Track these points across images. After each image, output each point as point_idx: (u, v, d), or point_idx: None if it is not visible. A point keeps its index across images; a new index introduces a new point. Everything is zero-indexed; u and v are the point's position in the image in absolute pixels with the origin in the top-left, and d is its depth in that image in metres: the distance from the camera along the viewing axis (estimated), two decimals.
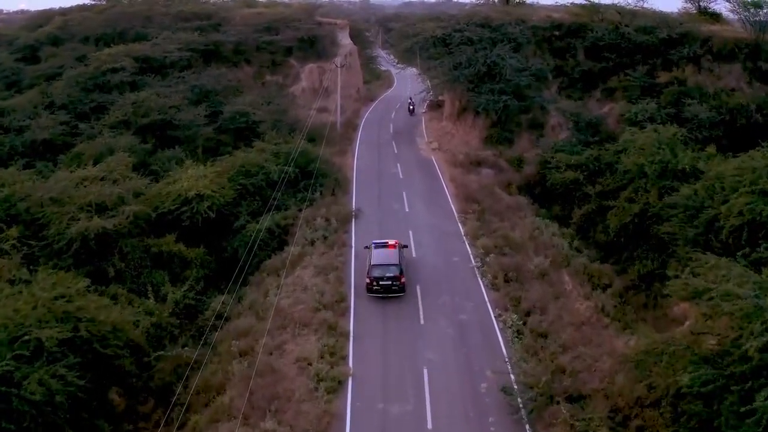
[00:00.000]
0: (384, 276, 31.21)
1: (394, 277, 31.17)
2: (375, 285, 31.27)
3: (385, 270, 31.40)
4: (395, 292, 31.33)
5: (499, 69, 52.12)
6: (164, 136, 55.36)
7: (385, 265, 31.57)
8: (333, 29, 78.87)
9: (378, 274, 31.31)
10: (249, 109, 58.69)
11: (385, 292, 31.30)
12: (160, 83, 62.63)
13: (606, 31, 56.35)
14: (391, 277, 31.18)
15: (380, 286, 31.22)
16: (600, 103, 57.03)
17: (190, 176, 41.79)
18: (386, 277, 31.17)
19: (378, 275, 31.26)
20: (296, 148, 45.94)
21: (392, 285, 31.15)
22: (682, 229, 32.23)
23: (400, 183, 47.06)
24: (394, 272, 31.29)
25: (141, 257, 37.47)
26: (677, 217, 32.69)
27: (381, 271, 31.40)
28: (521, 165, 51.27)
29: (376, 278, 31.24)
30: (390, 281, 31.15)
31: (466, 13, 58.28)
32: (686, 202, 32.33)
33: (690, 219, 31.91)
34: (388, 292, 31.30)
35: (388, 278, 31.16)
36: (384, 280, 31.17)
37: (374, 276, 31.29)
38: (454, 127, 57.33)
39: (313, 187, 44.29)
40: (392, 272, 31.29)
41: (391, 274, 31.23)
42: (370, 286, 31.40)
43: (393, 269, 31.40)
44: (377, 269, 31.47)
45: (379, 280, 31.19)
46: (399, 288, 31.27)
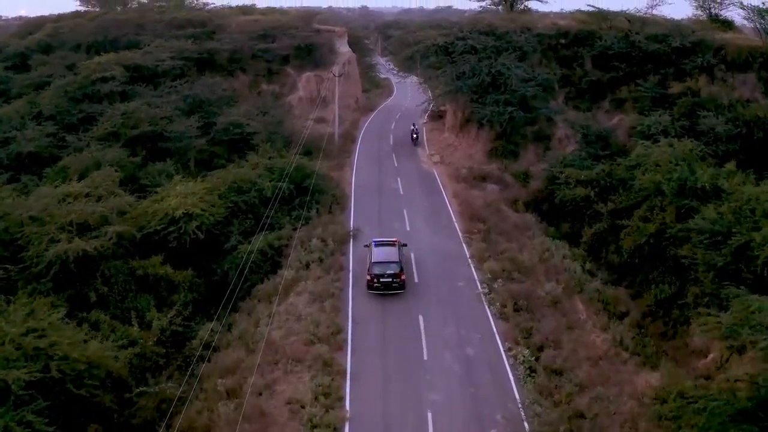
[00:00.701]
0: (384, 273, 31.93)
1: (394, 274, 31.91)
2: (376, 282, 31.94)
3: (386, 267, 32.15)
4: (395, 289, 32.02)
5: (504, 79, 49.84)
6: (155, 149, 53.18)
7: (385, 263, 32.37)
8: (331, 37, 76.66)
9: (378, 271, 32.03)
10: (243, 120, 56.43)
11: (386, 289, 31.99)
12: (152, 93, 60.32)
13: (615, 40, 54.11)
14: (391, 274, 31.92)
15: (381, 283, 31.91)
16: (609, 115, 54.80)
17: (178, 193, 39.51)
18: (387, 274, 31.90)
19: (379, 272, 31.98)
20: (291, 162, 43.58)
21: (392, 282, 31.88)
22: (706, 255, 29.79)
23: (401, 199, 44.73)
24: (395, 269, 32.06)
25: (125, 280, 35.34)
26: (702, 243, 30.21)
27: (381, 268, 32.14)
28: (527, 180, 48.98)
29: (376, 275, 31.94)
30: (390, 278, 31.88)
31: (469, 20, 55.82)
32: (711, 226, 29.90)
33: (716, 245, 29.47)
34: (389, 289, 31.97)
35: (388, 275, 31.89)
36: (384, 277, 31.88)
37: (375, 273, 32.01)
38: (456, 139, 55.04)
39: (309, 205, 41.98)
40: (393, 269, 32.07)
41: (391, 272, 31.98)
42: (371, 283, 32.06)
43: (393, 266, 32.17)
44: (378, 266, 32.24)
45: (379, 277, 31.88)
46: (399, 285, 32.01)
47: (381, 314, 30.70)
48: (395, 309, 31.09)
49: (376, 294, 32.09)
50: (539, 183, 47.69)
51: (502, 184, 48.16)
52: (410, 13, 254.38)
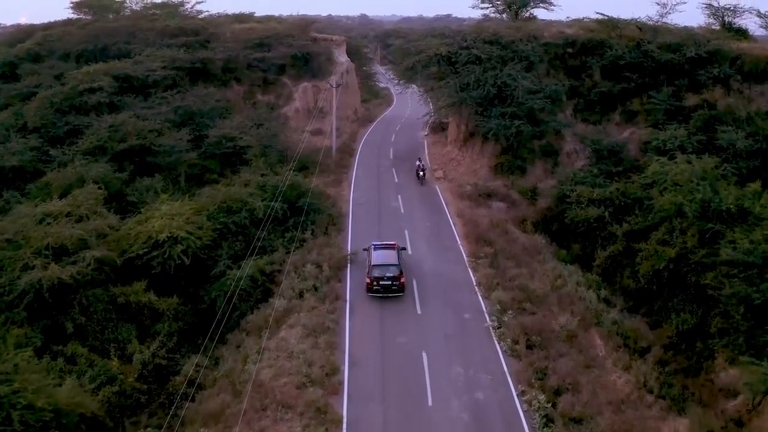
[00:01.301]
0: (384, 276, 31.90)
1: (393, 277, 31.88)
2: (375, 285, 31.92)
3: (385, 270, 32.08)
4: (395, 292, 31.97)
5: (511, 90, 47.27)
6: (143, 163, 50.72)
7: (385, 265, 32.28)
8: (329, 46, 74.22)
9: (378, 274, 31.98)
10: (236, 133, 53.92)
11: (385, 291, 31.94)
12: (142, 104, 57.75)
13: (627, 49, 51.53)
14: (391, 277, 31.88)
15: (380, 286, 31.90)
16: (620, 128, 52.26)
17: (163, 213, 36.92)
18: (386, 277, 31.86)
19: (378, 275, 31.93)
20: (285, 180, 40.96)
21: (392, 285, 31.87)
22: (737, 287, 27.12)
23: (402, 219, 42.10)
24: (394, 272, 32.02)
25: (105, 309, 32.97)
26: (733, 274, 27.58)
27: (381, 271, 32.08)
28: (535, 197, 46.38)
29: (376, 278, 31.90)
30: (390, 281, 31.85)
31: (473, 29, 53.17)
32: (745, 257, 27.26)
33: (749, 279, 26.82)
34: (388, 291, 31.94)
35: (388, 278, 31.86)
36: (384, 280, 31.85)
37: (374, 276, 31.95)
38: (460, 153, 52.47)
39: (304, 225, 39.35)
40: (392, 272, 32.02)
41: (391, 274, 31.93)
42: (370, 285, 32.04)
43: (393, 269, 32.13)
44: (377, 269, 32.16)
45: (379, 280, 31.86)
46: (398, 288, 31.97)
47: (381, 351, 28.04)
48: (397, 345, 28.43)
49: (376, 325, 29.53)
50: (548, 200, 45.11)
51: (509, 201, 45.55)
52: (410, 21, 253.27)
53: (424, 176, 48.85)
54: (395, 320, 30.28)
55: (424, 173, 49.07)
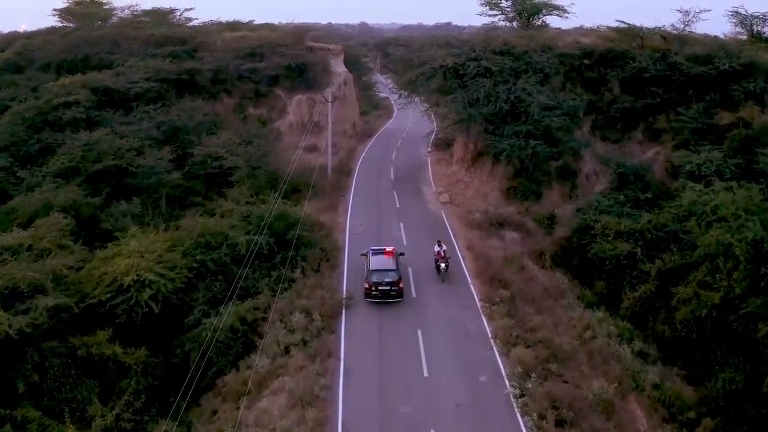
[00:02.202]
0: (382, 281, 31.36)
1: (392, 282, 31.34)
2: (374, 290, 31.32)
3: (384, 275, 31.56)
4: (393, 297, 31.37)
5: (525, 106, 42.59)
6: (120, 186, 46.22)
7: (383, 270, 31.79)
8: (325, 55, 69.68)
9: (377, 279, 31.44)
10: (223, 151, 49.42)
11: (384, 297, 31.35)
12: (122, 119, 53.17)
13: (651, 61, 46.83)
14: (389, 282, 31.32)
15: (379, 291, 31.33)
16: (642, 147, 47.73)
17: (132, 250, 32.33)
18: (385, 282, 31.31)
19: (377, 280, 31.38)
20: (272, 208, 36.22)
21: (390, 290, 31.32)
22: None
23: (405, 251, 37.33)
24: (393, 277, 31.49)
25: (63, 364, 29.13)
26: None
27: (379, 276, 31.56)
28: (553, 225, 41.76)
29: (374, 283, 31.31)
30: (389, 286, 31.30)
31: (482, 38, 48.34)
32: None
33: None
34: (387, 297, 31.35)
35: (386, 283, 31.30)
36: (383, 285, 31.30)
37: (373, 281, 31.37)
38: (467, 175, 47.82)
39: (293, 262, 34.70)
40: (391, 277, 31.48)
41: (389, 279, 31.38)
42: (369, 291, 31.46)
43: (392, 274, 31.63)
44: (375, 274, 31.65)
45: (377, 286, 31.29)
46: (397, 293, 31.43)
47: (380, 424, 23.24)
48: (400, 417, 23.62)
49: (375, 391, 24.83)
50: (567, 230, 40.50)
51: (524, 231, 40.88)
52: (410, 29, 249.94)
53: (447, 268, 33.67)
54: (398, 384, 25.50)
55: (447, 264, 33.69)
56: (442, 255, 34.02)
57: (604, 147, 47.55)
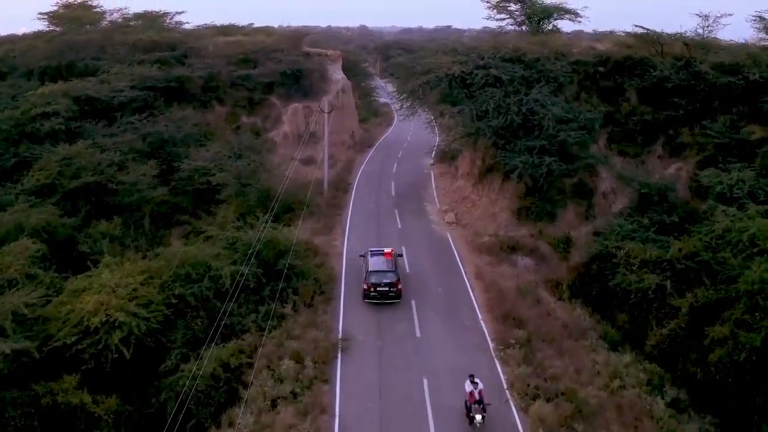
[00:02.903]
0: (381, 282, 31.41)
1: (390, 284, 31.43)
2: (372, 291, 31.41)
3: (382, 276, 31.65)
4: (392, 299, 31.46)
5: (539, 119, 39.07)
6: (101, 204, 42.88)
7: (382, 272, 31.90)
8: (323, 61, 66.23)
9: (375, 280, 31.49)
10: (212, 166, 46.06)
11: (382, 298, 31.41)
12: (105, 131, 49.71)
13: (673, 69, 43.27)
14: (388, 283, 31.40)
15: (377, 293, 31.41)
16: (663, 162, 44.25)
17: (103, 284, 28.92)
18: (383, 284, 31.38)
19: (375, 281, 31.43)
20: (261, 233, 32.73)
21: (389, 291, 31.42)
22: None
23: (408, 283, 33.85)
24: (391, 278, 31.59)
25: (25, 415, 25.38)
26: None
27: (378, 277, 31.61)
28: (569, 249, 38.28)
29: (373, 284, 31.37)
30: (387, 287, 31.37)
31: (490, 44, 44.70)
32: None
33: None
34: (385, 298, 31.42)
35: (385, 284, 31.36)
36: (381, 286, 31.36)
37: (371, 282, 31.43)
38: (474, 191, 44.32)
39: (284, 295, 31.24)
40: (389, 278, 31.57)
41: (388, 281, 31.46)
42: (367, 292, 31.54)
43: (390, 275, 31.73)
44: (374, 276, 31.71)
45: (376, 287, 31.34)
46: (395, 294, 31.50)
47: None
48: None
49: None
50: (584, 254, 37.08)
51: (537, 256, 37.42)
52: (410, 32, 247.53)
53: (483, 420, 22.58)
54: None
55: (484, 415, 22.56)
56: (477, 398, 22.56)
57: (621, 162, 44.11)
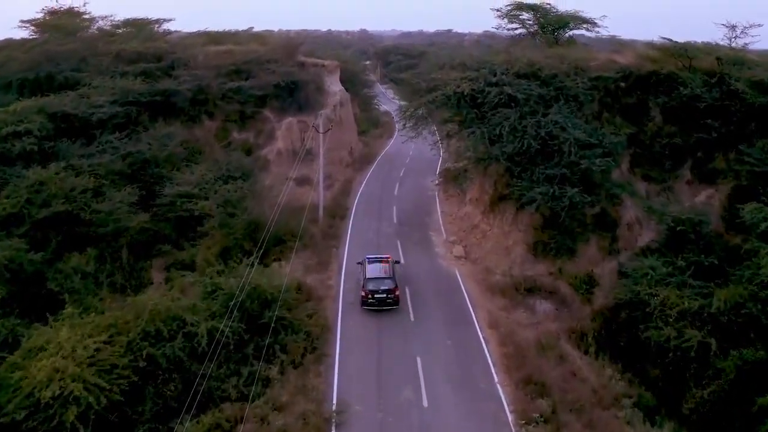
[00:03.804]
0: (379, 289, 31.49)
1: (388, 290, 31.48)
2: (370, 298, 31.47)
3: (380, 283, 31.72)
4: (390, 305, 31.50)
5: (558, 144, 34.94)
6: (74, 234, 38.98)
7: (379, 278, 31.94)
8: (319, 72, 62.09)
9: (373, 287, 31.55)
10: (196, 191, 42.10)
11: (380, 304, 31.44)
12: (82, 151, 45.53)
13: (705, 87, 39.12)
14: (385, 290, 31.47)
15: (375, 299, 31.43)
16: (692, 189, 40.24)
17: (60, 344, 24.91)
18: (381, 290, 31.44)
19: (373, 288, 31.50)
20: (244, 281, 28.54)
21: (387, 298, 31.45)
22: None
23: (412, 334, 29.75)
24: (389, 285, 31.67)
25: None
26: None
27: (376, 284, 31.69)
28: (592, 289, 34.28)
29: (371, 291, 31.45)
30: (385, 294, 31.41)
31: (503, 58, 40.34)
32: None
33: None
34: (383, 304, 31.45)
35: (382, 291, 31.42)
36: (379, 293, 31.42)
37: (369, 289, 31.51)
38: (484, 220, 40.23)
39: (270, 353, 27.15)
40: (387, 285, 31.66)
41: (385, 287, 31.53)
42: (365, 299, 31.58)
43: (388, 282, 31.82)
44: (372, 282, 31.76)
45: (374, 293, 31.41)
46: (393, 301, 31.56)
47: None
48: None
49: None
50: (608, 295, 33.12)
51: (558, 300, 33.37)
52: (410, 36, 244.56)
53: None
54: None
55: None
56: None
57: (646, 188, 40.05)
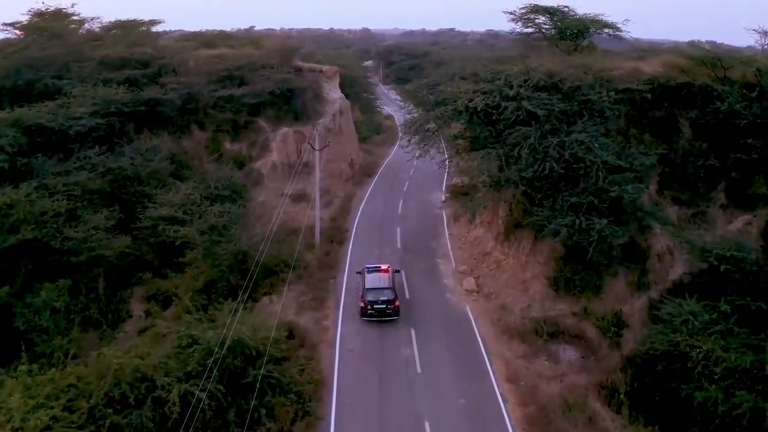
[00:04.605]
0: (378, 300, 31.00)
1: (388, 301, 30.98)
2: (369, 309, 30.98)
3: (379, 294, 31.20)
4: (389, 316, 30.99)
5: (585, 168, 30.91)
6: (45, 263, 35.43)
7: (379, 289, 31.40)
8: (318, 78, 58.14)
9: (372, 297, 31.09)
10: (180, 214, 38.31)
11: (380, 315, 30.94)
12: (59, 167, 41.62)
13: (744, 102, 35.10)
14: (385, 300, 30.97)
15: (375, 310, 30.95)
16: (726, 213, 36.19)
17: (12, 412, 21.24)
18: (380, 301, 30.96)
19: (372, 299, 31.03)
20: (226, 332, 24.67)
21: (386, 308, 30.95)
22: None
23: (419, 389, 25.83)
24: (389, 296, 31.16)
25: None
26: None
27: (375, 294, 31.18)
28: (620, 332, 30.36)
29: (370, 302, 30.95)
30: (384, 305, 30.93)
31: (519, 69, 36.04)
32: None
33: None
34: (383, 315, 30.96)
35: (382, 302, 30.93)
36: (378, 303, 30.94)
37: (368, 300, 31.05)
38: (498, 247, 36.38)
39: (255, 417, 23.30)
40: (386, 296, 31.15)
41: (385, 298, 31.04)
42: (365, 309, 31.09)
43: (387, 293, 31.29)
44: (371, 293, 31.27)
45: (373, 304, 30.91)
46: (393, 312, 31.05)
47: None
48: None
49: None
50: (638, 338, 29.28)
51: (583, 345, 29.49)
52: (413, 35, 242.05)
53: None
54: None
55: None
56: None
57: (678, 213, 36.11)
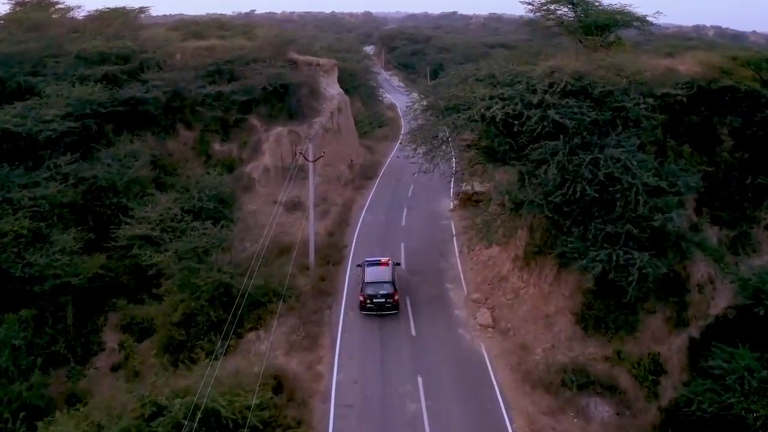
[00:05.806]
0: (377, 293, 30.57)
1: (387, 295, 30.54)
2: (369, 303, 30.61)
3: (379, 287, 30.77)
4: (389, 310, 30.57)
5: (621, 190, 26.44)
6: (7, 291, 31.80)
7: (378, 283, 30.98)
8: (314, 73, 53.57)
9: (371, 291, 30.69)
10: (157, 233, 34.20)
11: (379, 309, 30.57)
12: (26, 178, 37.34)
13: None
14: (384, 294, 30.53)
15: (374, 304, 30.55)
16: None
17: None
18: (380, 295, 30.52)
19: (371, 293, 30.62)
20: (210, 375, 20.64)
21: (386, 302, 30.51)
22: None
23: None
24: (388, 289, 30.69)
25: None
26: None
27: (374, 288, 30.78)
28: (657, 379, 26.27)
29: (369, 296, 30.55)
30: (384, 299, 30.49)
31: (542, 70, 30.86)
32: None
33: None
34: (382, 309, 30.57)
35: (381, 296, 30.51)
36: (377, 297, 30.51)
37: (368, 294, 30.64)
38: (516, 272, 32.19)
39: None
40: (386, 289, 30.69)
41: (384, 292, 30.59)
42: (364, 303, 30.75)
43: (387, 286, 30.80)
44: (370, 287, 30.88)
45: (372, 298, 30.51)
46: (392, 306, 30.62)
47: None
48: None
49: None
50: (675, 384, 25.29)
51: (617, 398, 25.30)
52: (415, 18, 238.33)
53: None
54: None
55: None
56: None
57: (717, 235, 31.93)
